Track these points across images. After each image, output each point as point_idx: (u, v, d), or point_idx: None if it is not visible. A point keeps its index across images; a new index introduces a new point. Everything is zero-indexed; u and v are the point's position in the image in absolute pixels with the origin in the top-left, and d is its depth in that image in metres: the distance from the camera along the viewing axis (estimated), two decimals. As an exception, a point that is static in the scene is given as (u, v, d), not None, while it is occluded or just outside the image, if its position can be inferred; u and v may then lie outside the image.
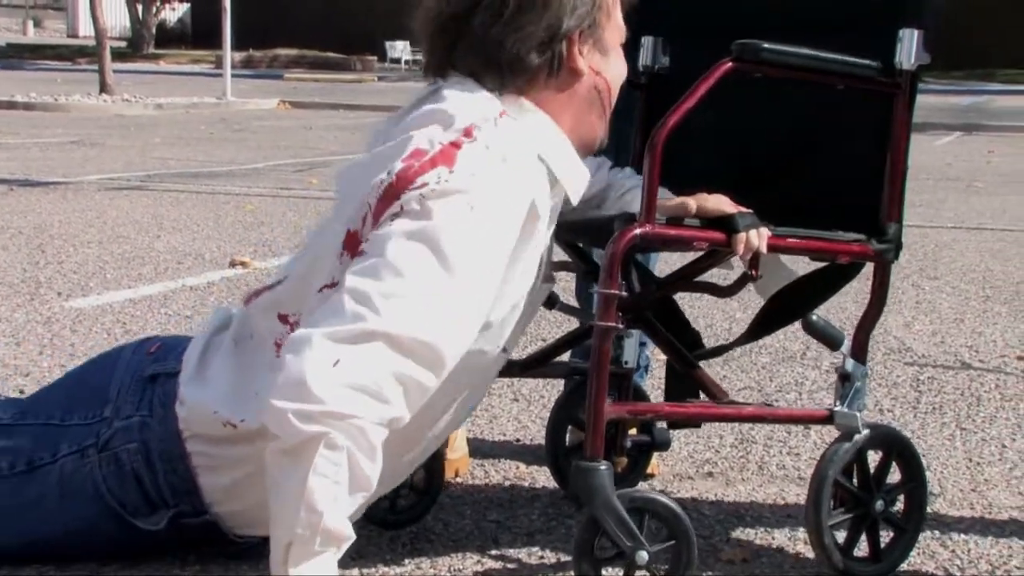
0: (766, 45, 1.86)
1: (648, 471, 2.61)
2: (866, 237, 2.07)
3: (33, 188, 7.70)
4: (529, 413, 3.14)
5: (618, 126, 2.10)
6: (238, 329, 1.96)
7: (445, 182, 1.71)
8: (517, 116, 1.85)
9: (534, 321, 2.51)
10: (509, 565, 2.16)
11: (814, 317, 2.09)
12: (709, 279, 2.20)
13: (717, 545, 2.28)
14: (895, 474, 2.17)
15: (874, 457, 2.14)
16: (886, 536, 2.16)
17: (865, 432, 2.08)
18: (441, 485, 2.35)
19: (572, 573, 2.11)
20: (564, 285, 2.12)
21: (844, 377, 2.10)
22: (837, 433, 2.10)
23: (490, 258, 1.75)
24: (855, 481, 2.11)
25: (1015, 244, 6.62)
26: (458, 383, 1.89)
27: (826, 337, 2.09)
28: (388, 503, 2.21)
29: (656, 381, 3.39)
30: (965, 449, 2.95)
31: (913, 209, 2.22)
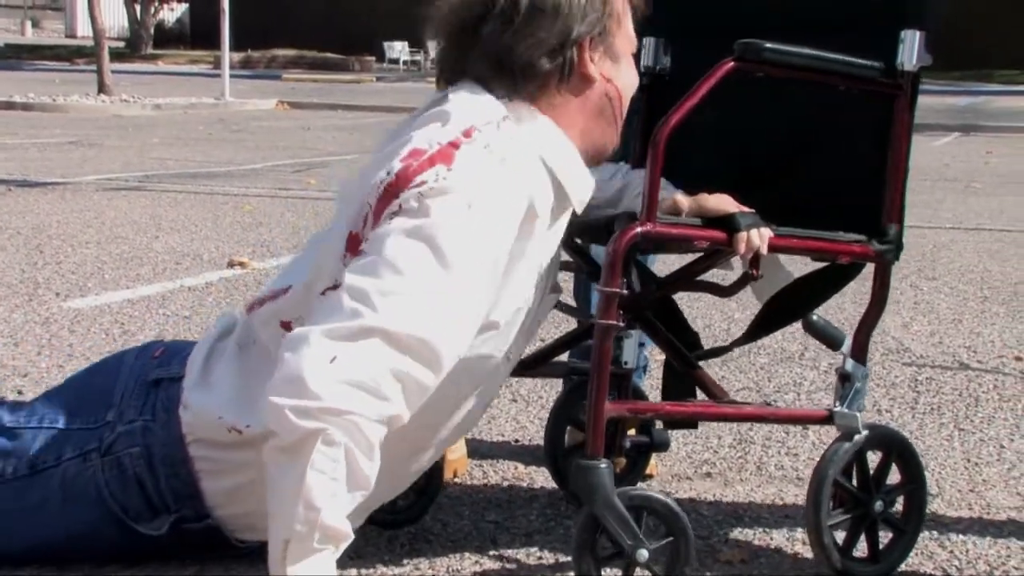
0: (768, 45, 1.87)
1: (647, 472, 2.61)
2: (867, 238, 2.08)
3: (31, 188, 7.70)
4: (527, 414, 3.14)
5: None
6: (242, 334, 1.96)
7: (443, 180, 1.72)
8: (522, 121, 1.86)
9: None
10: (507, 566, 2.16)
11: (815, 317, 2.09)
12: (709, 279, 2.20)
13: (715, 546, 2.28)
14: (894, 475, 2.17)
15: (873, 458, 2.14)
16: (885, 537, 2.16)
17: (865, 433, 2.08)
18: (440, 485, 2.35)
19: (571, 573, 2.12)
20: (563, 285, 2.12)
21: (844, 377, 2.10)
22: (836, 434, 2.10)
23: (487, 256, 1.75)
24: (855, 481, 2.11)
25: (1013, 245, 6.63)
26: (463, 388, 1.89)
27: (827, 337, 2.09)
28: (387, 503, 2.20)
29: (654, 381, 3.39)
30: (963, 449, 2.96)
31: (911, 210, 2.21)
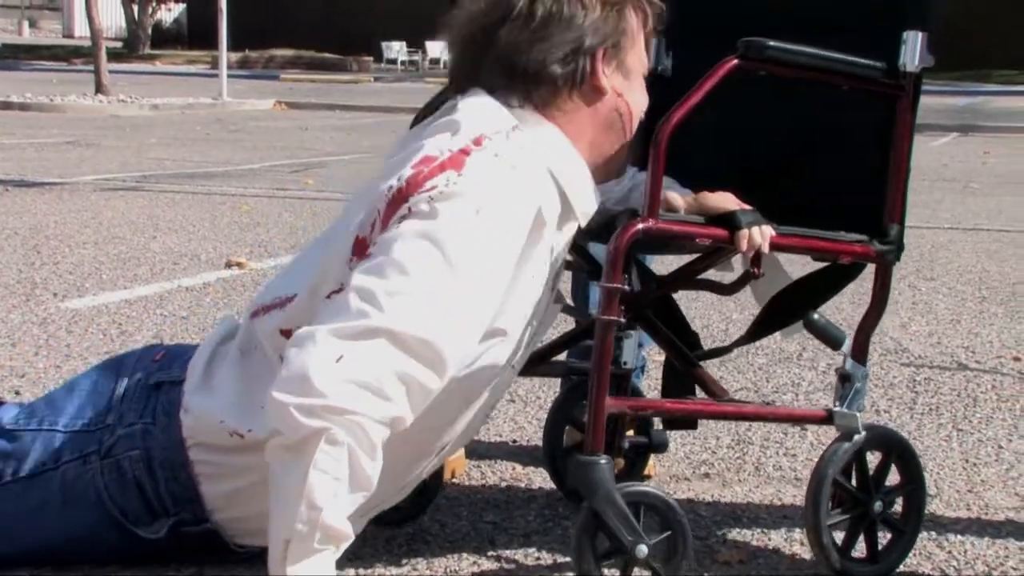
0: (771, 43, 1.86)
1: (645, 472, 2.61)
2: (868, 238, 2.08)
3: (29, 189, 7.69)
4: (526, 414, 3.14)
5: None
6: (244, 339, 1.96)
7: (454, 185, 1.73)
8: (531, 132, 1.87)
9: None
10: (506, 566, 2.16)
11: (816, 316, 2.09)
12: (709, 279, 2.20)
13: (714, 546, 2.28)
14: (893, 475, 2.17)
15: (872, 458, 2.14)
16: (884, 538, 2.16)
17: (865, 433, 2.07)
18: (440, 485, 2.35)
19: (569, 573, 2.11)
20: (562, 285, 2.11)
21: (844, 378, 2.09)
22: (834, 435, 2.09)
23: (495, 261, 1.76)
24: (854, 482, 2.11)
25: (1011, 245, 6.63)
26: (468, 395, 1.89)
27: (827, 337, 2.09)
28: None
29: (652, 382, 3.39)
30: (962, 450, 2.95)
31: (909, 210, 2.22)
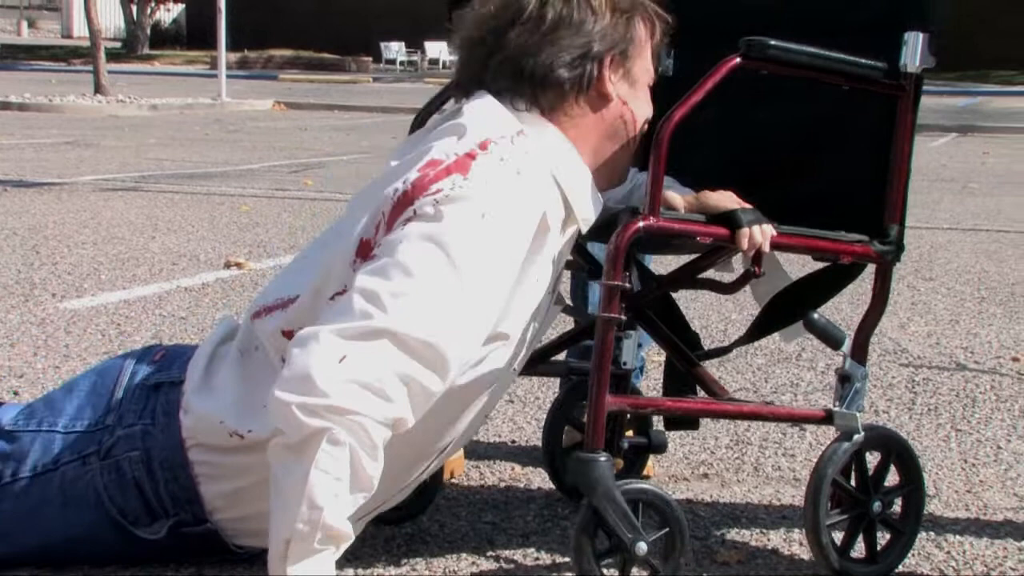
0: (773, 42, 1.87)
1: (644, 473, 2.60)
2: (868, 238, 2.08)
3: (27, 189, 7.69)
4: (524, 414, 3.14)
5: None
6: (244, 340, 1.96)
7: (459, 188, 1.74)
8: (536, 137, 1.87)
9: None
10: (504, 566, 2.16)
11: (815, 316, 2.09)
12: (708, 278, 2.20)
13: (712, 547, 2.28)
14: (892, 476, 2.17)
15: (871, 459, 2.14)
16: (883, 538, 2.16)
17: (864, 433, 2.07)
18: (440, 484, 2.34)
19: (569, 573, 2.11)
20: (561, 286, 2.11)
21: (844, 378, 2.09)
22: (833, 435, 2.09)
23: (499, 265, 1.76)
24: (853, 482, 2.11)
25: (1010, 245, 6.63)
26: (469, 397, 1.90)
27: (827, 336, 2.09)
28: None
29: (651, 383, 3.39)
30: (960, 450, 2.95)
31: (908, 210, 2.22)
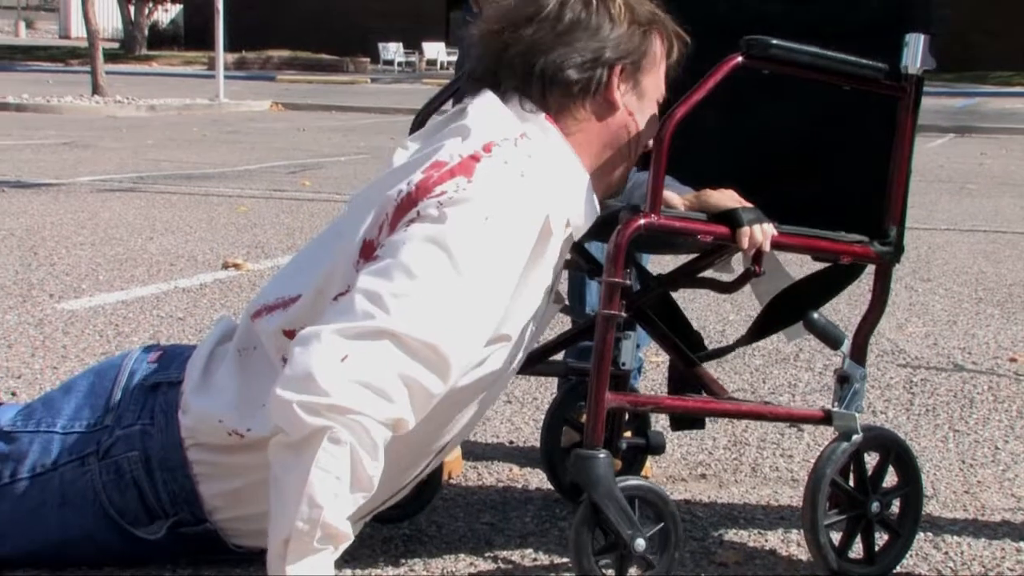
0: (774, 41, 1.87)
1: (642, 474, 2.60)
2: (868, 239, 2.08)
3: (25, 190, 7.68)
4: (522, 415, 3.13)
5: None
6: (242, 339, 1.96)
7: (463, 190, 1.74)
8: (538, 139, 1.87)
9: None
10: (503, 567, 2.16)
11: (815, 316, 2.09)
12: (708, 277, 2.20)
13: (710, 547, 2.28)
14: (890, 477, 2.16)
15: (870, 459, 2.14)
16: (881, 539, 2.16)
17: (862, 434, 2.07)
18: (439, 483, 2.34)
19: (567, 574, 2.11)
20: (560, 285, 2.11)
21: (843, 378, 2.09)
22: (831, 436, 2.09)
23: (502, 268, 1.76)
24: (851, 483, 2.11)
25: (1008, 246, 6.64)
26: (468, 397, 1.90)
27: (827, 336, 2.09)
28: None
29: (649, 383, 3.39)
30: (958, 451, 2.95)
31: (908, 211, 2.23)
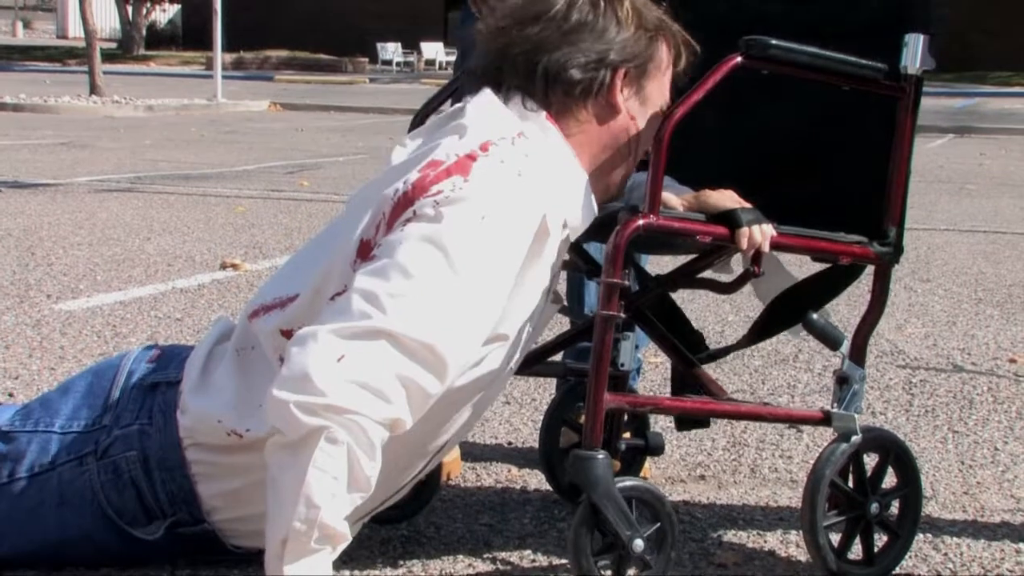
0: (774, 41, 1.86)
1: (640, 474, 2.60)
2: (867, 239, 2.07)
3: (22, 190, 7.67)
4: (521, 416, 3.13)
5: None
6: (240, 339, 1.95)
7: (460, 190, 1.73)
8: (537, 139, 1.87)
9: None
10: (501, 568, 2.15)
11: (814, 316, 2.08)
12: (707, 278, 2.19)
13: (709, 548, 2.27)
14: (889, 478, 2.16)
15: (869, 460, 2.13)
16: (880, 540, 2.15)
17: (862, 435, 2.07)
18: (438, 483, 2.33)
19: (565, 575, 2.11)
20: (558, 285, 2.11)
21: (842, 379, 2.08)
22: (830, 437, 2.09)
23: (498, 268, 1.76)
24: (850, 484, 2.10)
25: (1007, 247, 6.64)
26: (466, 397, 1.89)
27: (826, 337, 2.08)
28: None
29: (648, 383, 3.39)
30: (957, 452, 2.95)
31: (907, 211, 2.23)
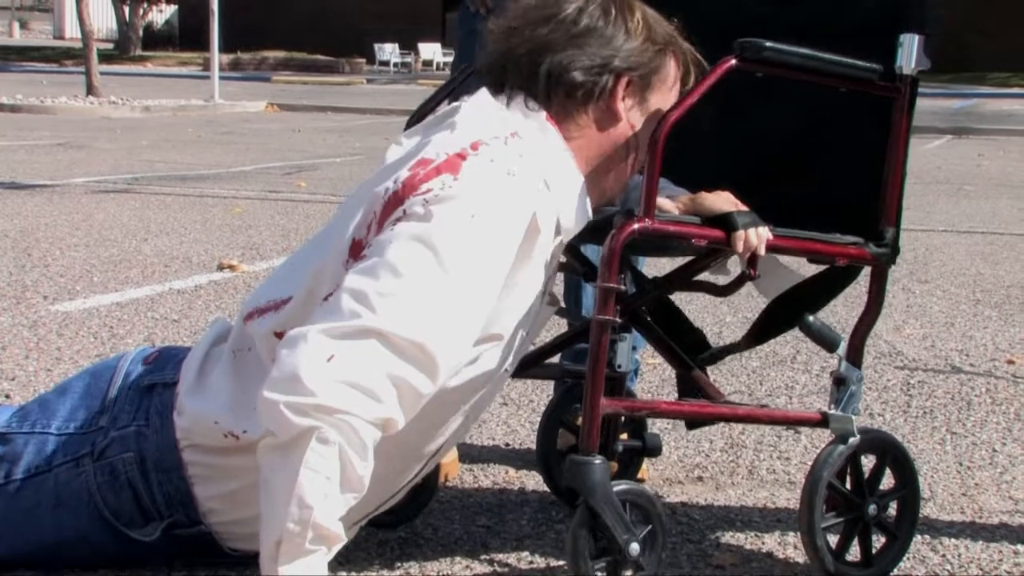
0: (768, 44, 1.86)
1: (638, 476, 2.59)
2: (863, 240, 2.07)
3: (19, 191, 7.66)
4: (518, 417, 3.13)
5: None
6: (236, 340, 1.95)
7: (449, 188, 1.73)
8: (533, 139, 1.86)
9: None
10: (499, 570, 2.15)
11: (811, 318, 2.08)
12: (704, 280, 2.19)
13: (707, 550, 2.27)
14: (887, 479, 2.16)
15: (866, 462, 2.13)
16: (878, 541, 2.15)
17: (859, 436, 2.06)
18: (436, 487, 2.33)
19: (562, 579, 2.11)
20: (555, 287, 2.10)
21: (839, 381, 2.08)
22: (828, 438, 2.09)
23: (488, 266, 1.75)
24: (848, 485, 2.10)
25: (1005, 247, 6.64)
26: (461, 399, 1.89)
27: (822, 339, 2.08)
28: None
29: (647, 385, 3.38)
30: (955, 453, 2.95)
31: (904, 213, 2.23)
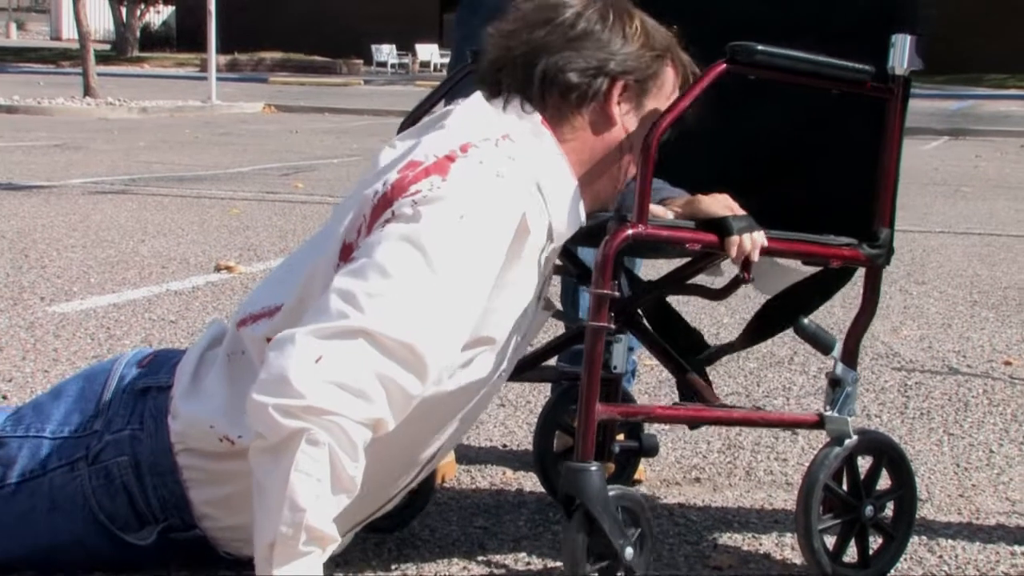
0: (760, 47, 1.86)
1: (635, 477, 2.60)
2: (857, 242, 2.07)
3: (16, 192, 7.66)
4: (516, 419, 3.13)
5: None
6: (231, 344, 1.95)
7: (437, 189, 1.73)
8: (526, 142, 1.86)
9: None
10: (496, 571, 2.15)
11: (805, 321, 2.08)
12: (698, 284, 2.19)
13: (704, 551, 2.27)
14: (884, 480, 2.16)
15: (863, 463, 2.13)
16: (875, 542, 2.15)
17: (855, 437, 2.07)
18: (432, 490, 2.33)
19: (559, 580, 2.10)
20: (551, 290, 2.10)
21: (835, 382, 2.08)
22: (825, 439, 2.09)
23: (477, 267, 1.74)
24: (845, 486, 2.10)
25: (1003, 249, 6.64)
26: (456, 403, 1.88)
27: (817, 341, 2.08)
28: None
29: (643, 386, 3.38)
30: (952, 454, 2.95)
31: (900, 214, 2.23)
